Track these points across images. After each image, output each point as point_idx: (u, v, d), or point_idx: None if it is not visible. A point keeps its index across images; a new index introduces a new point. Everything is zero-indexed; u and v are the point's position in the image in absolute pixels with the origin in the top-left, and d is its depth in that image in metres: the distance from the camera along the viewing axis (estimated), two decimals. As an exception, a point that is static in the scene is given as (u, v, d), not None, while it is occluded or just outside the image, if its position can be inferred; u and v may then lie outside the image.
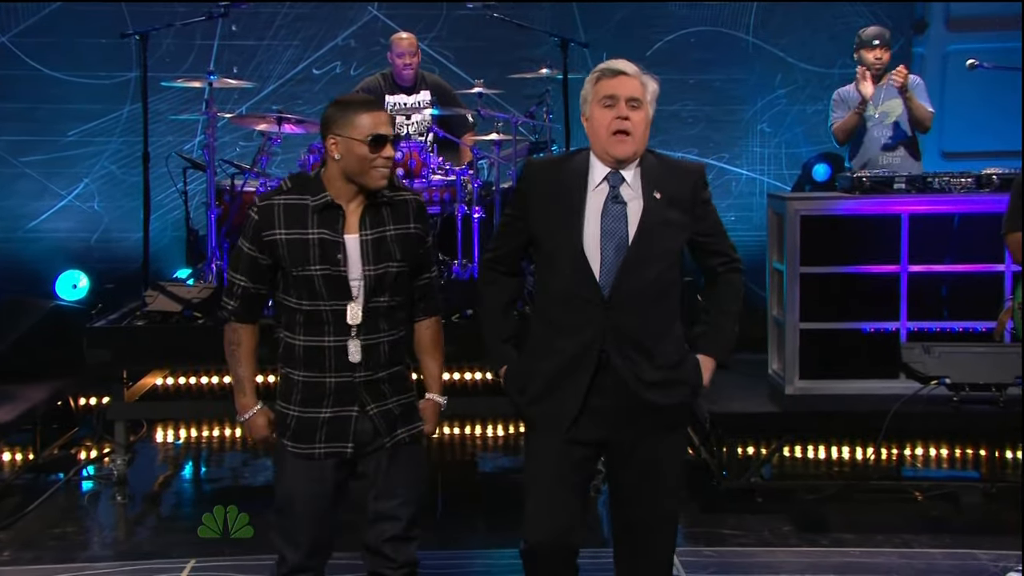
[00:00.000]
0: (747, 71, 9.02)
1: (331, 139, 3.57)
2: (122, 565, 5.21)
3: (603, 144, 3.55)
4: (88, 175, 8.89)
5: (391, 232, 3.62)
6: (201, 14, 7.51)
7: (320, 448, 3.62)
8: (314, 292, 3.56)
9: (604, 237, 3.54)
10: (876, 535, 5.43)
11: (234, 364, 3.69)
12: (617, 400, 3.56)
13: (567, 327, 3.57)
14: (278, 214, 3.57)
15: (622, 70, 3.56)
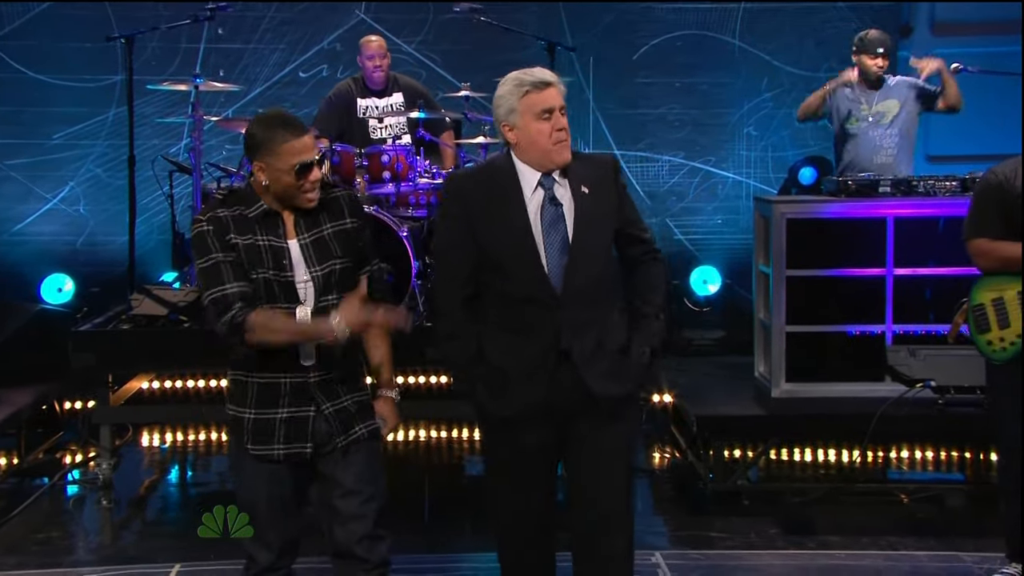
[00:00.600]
0: (733, 75, 9.04)
1: (257, 165, 3.56)
2: (107, 570, 5.20)
3: (545, 153, 3.63)
4: (73, 178, 8.87)
5: (328, 231, 3.65)
6: (186, 17, 7.52)
7: (279, 449, 3.62)
8: (272, 294, 3.57)
9: (548, 239, 3.62)
10: (862, 537, 5.44)
11: (286, 328, 3.51)
12: (574, 394, 3.63)
13: (524, 329, 3.63)
14: (228, 222, 3.57)
15: (549, 81, 3.63)
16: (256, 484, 3.64)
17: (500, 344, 3.67)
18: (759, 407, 6.25)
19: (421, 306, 6.62)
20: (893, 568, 5.09)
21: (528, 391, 3.64)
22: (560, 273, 3.62)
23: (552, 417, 3.67)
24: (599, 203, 3.69)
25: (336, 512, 3.66)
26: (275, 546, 3.67)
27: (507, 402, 3.66)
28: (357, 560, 3.67)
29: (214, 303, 3.55)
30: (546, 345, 3.62)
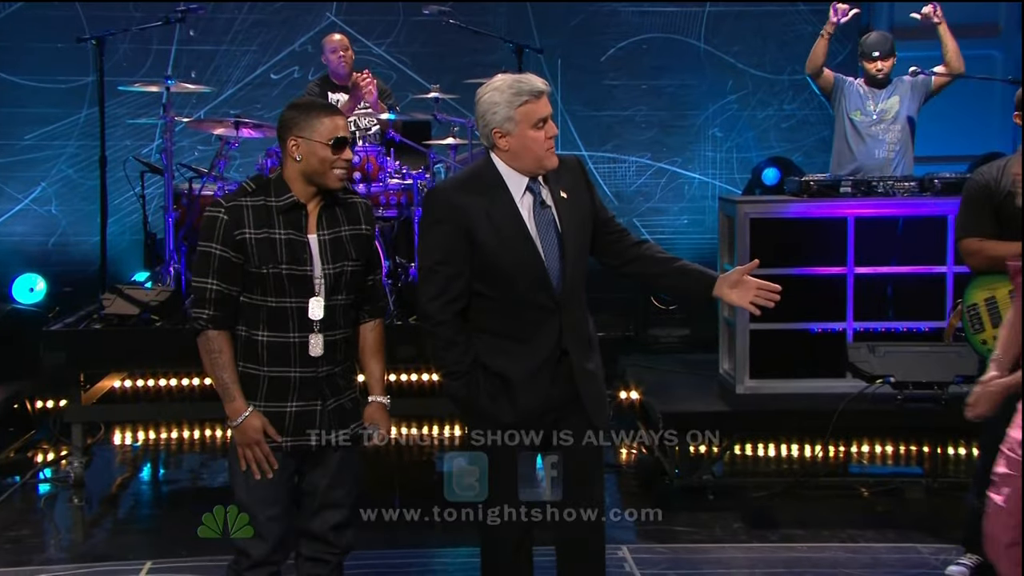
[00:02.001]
0: (699, 77, 9.09)
1: (292, 141, 3.63)
2: (77, 567, 5.17)
3: (539, 160, 3.64)
4: (45, 179, 8.84)
5: (346, 232, 3.71)
6: (158, 19, 7.46)
7: (288, 441, 3.67)
8: (281, 289, 3.61)
9: (544, 241, 3.65)
10: (823, 530, 5.48)
11: (219, 371, 3.64)
12: (568, 392, 3.69)
13: (525, 334, 3.66)
14: (247, 214, 3.61)
15: (543, 89, 3.64)
16: (260, 476, 3.66)
17: (500, 350, 3.68)
18: (724, 403, 6.29)
19: (391, 305, 6.63)
20: (853, 560, 5.13)
21: (531, 395, 3.66)
22: (558, 275, 3.66)
23: (546, 417, 3.71)
24: (579, 204, 3.72)
25: (320, 498, 3.74)
26: (270, 539, 3.68)
27: (511, 407, 3.67)
28: (327, 544, 3.77)
29: (194, 291, 3.67)
30: (549, 347, 3.66)
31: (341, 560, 3.83)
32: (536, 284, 3.63)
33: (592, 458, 3.77)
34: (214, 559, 5.02)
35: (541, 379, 3.66)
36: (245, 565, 3.70)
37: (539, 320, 3.65)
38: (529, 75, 3.70)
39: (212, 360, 3.64)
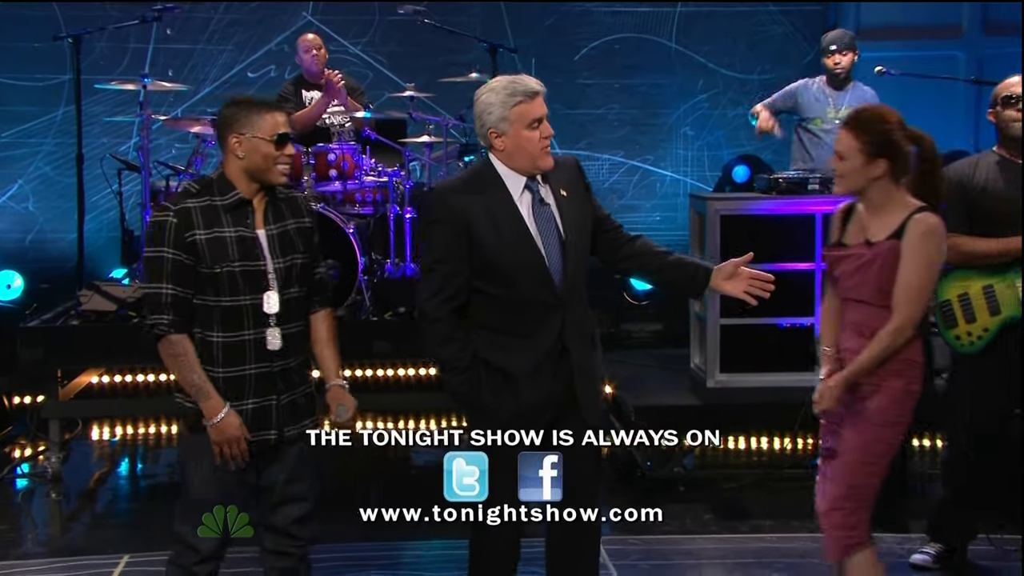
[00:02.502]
0: (670, 76, 9.12)
1: (234, 138, 3.60)
2: (55, 562, 5.15)
3: (534, 160, 3.64)
4: (22, 176, 8.79)
5: (292, 226, 3.70)
6: (134, 17, 7.44)
7: (248, 439, 3.64)
8: (235, 287, 3.59)
9: (545, 240, 3.65)
10: (792, 520, 5.50)
11: (187, 373, 3.59)
12: (568, 389, 3.68)
13: (527, 331, 3.65)
14: (195, 216, 3.58)
15: (537, 90, 3.64)
16: (214, 474, 3.64)
17: (501, 346, 3.67)
18: (695, 397, 6.32)
19: (367, 301, 6.63)
20: (820, 550, 5.14)
21: (533, 390, 3.66)
22: (560, 272, 3.66)
23: (546, 414, 3.69)
24: (578, 203, 3.73)
25: (280, 493, 3.72)
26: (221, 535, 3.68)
27: (513, 401, 3.66)
28: (290, 537, 3.75)
29: (148, 297, 3.62)
30: (550, 342, 3.65)
31: (305, 552, 3.81)
32: (538, 281, 3.63)
33: (590, 458, 3.74)
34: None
35: (543, 374, 3.66)
36: (194, 560, 3.68)
37: (541, 316, 3.65)
38: (524, 76, 3.69)
39: (179, 363, 3.59)
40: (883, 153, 3.68)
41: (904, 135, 3.72)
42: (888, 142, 3.69)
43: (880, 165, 3.69)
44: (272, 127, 3.60)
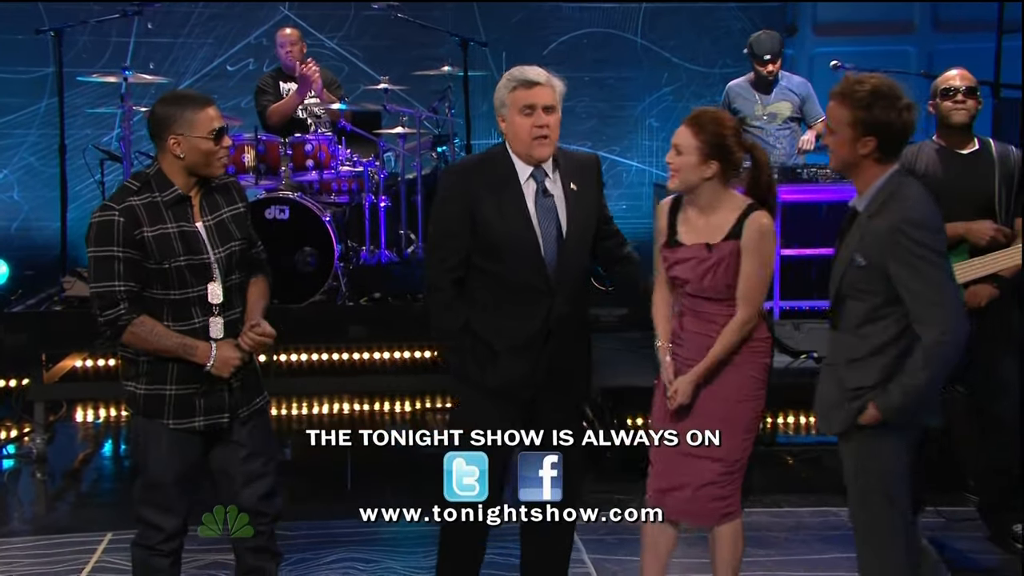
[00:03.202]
0: (636, 70, 9.13)
1: (172, 139, 3.54)
2: (40, 539, 5.13)
3: (526, 148, 3.67)
4: (7, 166, 8.72)
5: (227, 214, 3.67)
6: (116, 12, 7.39)
7: (200, 421, 3.64)
8: (183, 280, 3.56)
9: (542, 229, 3.69)
10: (750, 496, 5.45)
11: (164, 341, 3.55)
12: (549, 373, 3.73)
13: (515, 312, 3.69)
14: (140, 213, 3.53)
15: (536, 80, 3.66)
16: (171, 455, 3.62)
17: (490, 322, 3.72)
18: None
19: (343, 287, 6.61)
20: (777, 524, 5.20)
21: (514, 366, 3.71)
22: (554, 261, 3.68)
23: (527, 391, 3.73)
24: (586, 199, 3.75)
25: (242, 473, 3.70)
26: (181, 513, 3.67)
27: (494, 374, 3.71)
28: (258, 515, 3.73)
29: (100, 296, 3.54)
30: (535, 328, 3.69)
31: (273, 528, 3.79)
32: (530, 266, 3.67)
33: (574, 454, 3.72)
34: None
35: (525, 355, 3.70)
36: (158, 539, 3.67)
37: (530, 300, 3.69)
38: (531, 68, 3.72)
39: (152, 338, 3.54)
40: (716, 156, 3.72)
41: (737, 142, 3.76)
42: (722, 146, 3.72)
43: (712, 167, 3.73)
44: (208, 123, 3.54)
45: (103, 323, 3.54)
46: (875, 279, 3.36)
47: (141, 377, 3.62)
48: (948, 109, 4.77)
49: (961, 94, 4.75)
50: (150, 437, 3.64)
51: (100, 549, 4.96)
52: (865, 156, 3.39)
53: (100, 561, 4.84)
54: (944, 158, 4.79)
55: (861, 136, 3.36)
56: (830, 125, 3.45)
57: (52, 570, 4.76)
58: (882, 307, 3.37)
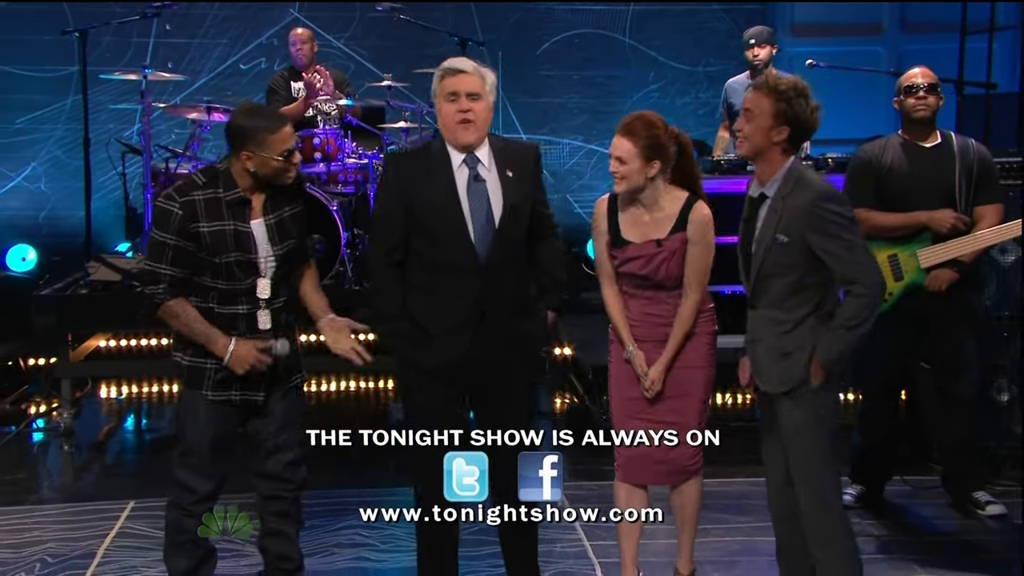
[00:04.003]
0: (624, 69, 9.13)
1: (245, 154, 3.56)
2: (68, 506, 5.16)
3: (452, 133, 3.63)
4: (36, 159, 8.72)
5: (287, 214, 3.70)
6: (136, 14, 7.41)
7: (236, 395, 3.69)
8: (231, 274, 3.61)
9: (473, 213, 3.63)
10: (730, 467, 5.54)
11: (193, 325, 3.61)
12: (487, 351, 3.66)
13: (449, 293, 3.64)
14: (199, 208, 3.57)
15: (461, 68, 3.61)
16: (208, 424, 3.67)
17: (425, 305, 3.66)
18: (644, 357, 6.33)
19: (349, 271, 6.63)
20: (756, 492, 5.19)
21: (448, 347, 3.64)
22: (485, 244, 3.62)
23: (465, 370, 3.67)
24: (520, 186, 3.68)
25: (271, 443, 3.75)
26: (215, 478, 3.72)
27: (429, 355, 3.65)
28: (283, 481, 3.78)
29: (147, 273, 3.63)
30: (468, 308, 3.63)
31: (297, 496, 3.84)
32: (460, 249, 3.61)
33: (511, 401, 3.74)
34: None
35: (459, 336, 3.63)
36: (191, 500, 3.71)
37: (462, 282, 3.62)
38: (462, 59, 3.69)
39: (183, 321, 3.61)
40: (655, 155, 3.78)
41: (668, 136, 3.82)
42: (658, 145, 3.78)
43: (655, 166, 3.79)
44: (281, 145, 3.55)
45: (143, 298, 3.63)
46: (795, 254, 3.49)
47: (187, 349, 3.68)
48: (911, 106, 4.78)
49: (923, 91, 4.77)
50: (190, 406, 3.70)
51: (123, 516, 4.99)
52: (776, 144, 3.52)
53: (123, 527, 4.88)
54: (909, 151, 4.80)
55: (778, 125, 3.50)
56: (748, 111, 3.55)
57: (79, 535, 4.79)
58: (803, 280, 3.52)
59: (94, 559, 4.54)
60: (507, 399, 3.75)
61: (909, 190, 4.75)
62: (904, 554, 4.62)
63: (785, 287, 3.54)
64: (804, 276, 3.51)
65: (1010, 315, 5.41)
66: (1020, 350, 5.42)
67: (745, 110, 3.57)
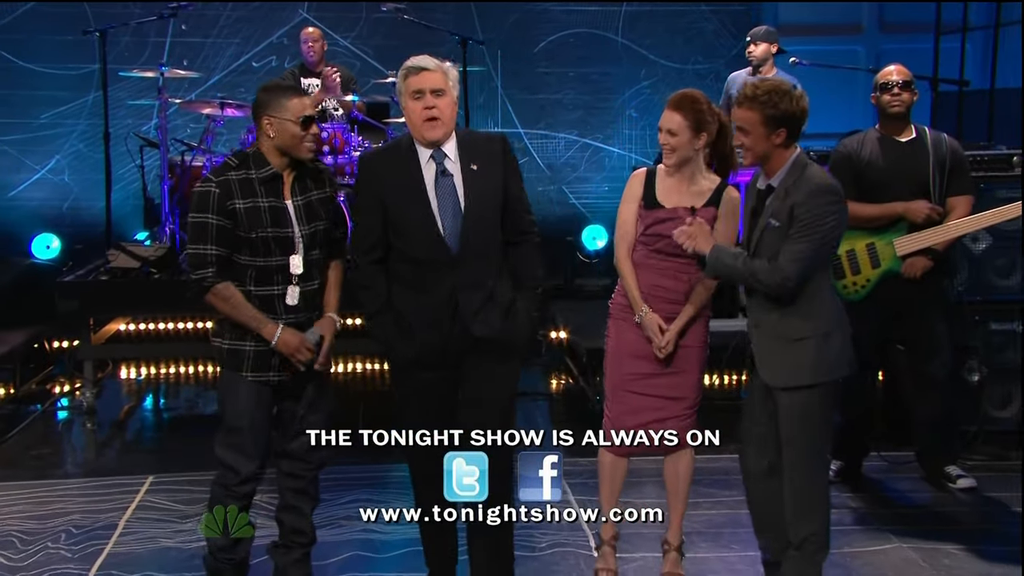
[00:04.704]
0: (617, 66, 9.10)
1: (265, 120, 3.59)
2: (90, 480, 5.18)
3: (418, 130, 3.54)
4: (59, 152, 8.71)
5: (315, 196, 3.68)
6: (153, 14, 7.41)
7: (273, 376, 3.68)
8: (268, 250, 3.59)
9: (441, 207, 3.54)
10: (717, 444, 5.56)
11: (243, 309, 3.60)
12: (464, 341, 3.58)
13: (424, 286, 3.56)
14: (234, 187, 3.57)
15: (424, 66, 3.52)
16: (248, 404, 3.66)
17: (405, 299, 3.60)
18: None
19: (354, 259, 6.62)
20: (737, 468, 5.23)
21: (427, 337, 3.57)
22: (455, 237, 3.54)
23: (447, 358, 3.60)
24: (487, 177, 3.58)
25: (299, 424, 3.74)
26: (256, 457, 3.69)
27: (410, 346, 3.59)
28: (304, 461, 3.77)
29: (193, 257, 3.60)
30: (442, 299, 3.55)
31: (316, 475, 3.83)
32: (431, 242, 3.53)
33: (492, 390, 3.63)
34: (205, 474, 5.04)
35: (437, 326, 3.56)
36: (235, 480, 3.70)
37: (436, 274, 3.55)
38: (424, 56, 3.58)
39: (231, 305, 3.60)
40: (702, 128, 3.81)
41: (711, 112, 3.84)
42: (703, 120, 3.80)
43: (702, 138, 3.82)
44: (299, 110, 3.58)
45: (192, 282, 3.60)
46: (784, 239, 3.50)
47: (226, 334, 3.67)
48: (886, 102, 4.78)
49: (897, 88, 4.77)
50: (230, 387, 3.68)
51: (143, 490, 5.00)
52: (778, 145, 3.53)
53: (143, 500, 4.89)
54: (885, 145, 4.80)
55: (774, 130, 3.50)
56: (741, 128, 3.55)
57: (101, 507, 4.81)
58: None
59: (115, 530, 4.56)
60: (488, 387, 3.64)
61: (886, 182, 4.75)
62: (880, 525, 4.64)
63: None
64: None
65: (980, 300, 5.43)
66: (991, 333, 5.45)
67: (738, 128, 3.57)
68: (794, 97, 3.52)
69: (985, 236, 5.36)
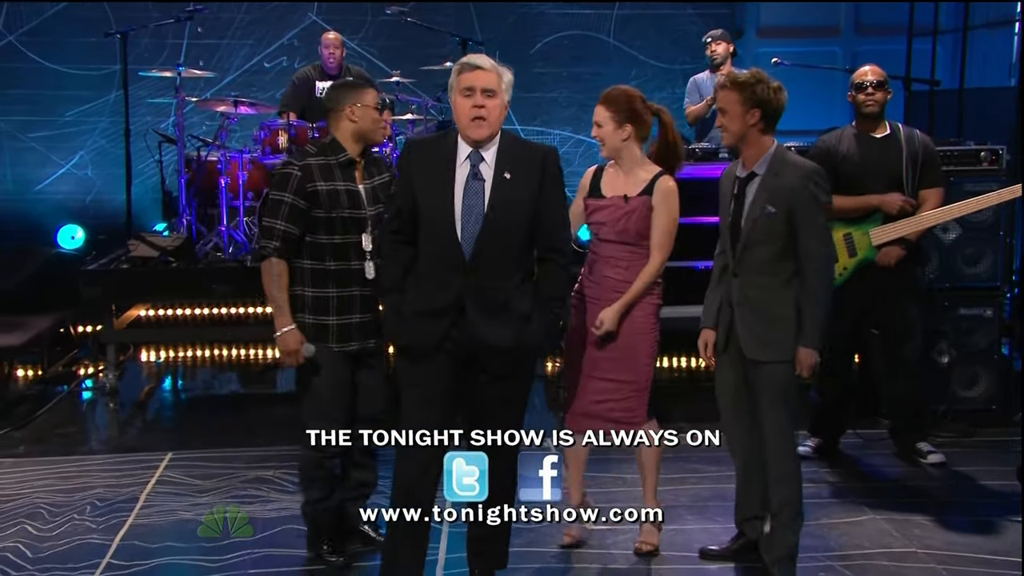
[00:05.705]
0: (608, 66, 9.06)
1: (349, 108, 3.72)
2: (113, 456, 5.18)
3: (464, 128, 3.32)
4: (83, 148, 8.69)
5: (378, 181, 3.82)
6: (171, 17, 7.39)
7: (354, 346, 3.77)
8: (345, 228, 3.69)
9: (464, 210, 3.30)
10: (703, 423, 5.49)
11: (277, 290, 3.68)
12: (470, 347, 3.35)
13: (435, 283, 3.34)
14: (316, 171, 3.68)
15: (479, 64, 3.33)
16: (333, 374, 3.74)
17: (416, 287, 3.39)
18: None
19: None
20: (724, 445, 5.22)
21: (423, 332, 3.33)
22: (472, 242, 3.28)
23: (449, 358, 3.34)
24: (518, 187, 3.31)
25: (370, 388, 3.86)
26: (341, 422, 3.64)
27: (406, 334, 3.36)
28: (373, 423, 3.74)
29: (264, 228, 3.73)
30: (447, 301, 3.30)
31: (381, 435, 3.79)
32: (446, 243, 3.29)
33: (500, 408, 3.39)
34: (222, 451, 5.07)
35: (436, 322, 3.32)
36: (328, 454, 3.74)
37: (447, 275, 3.31)
38: (480, 55, 3.43)
39: (274, 281, 3.67)
40: (628, 120, 3.84)
41: (644, 107, 3.89)
42: (632, 111, 3.84)
43: (627, 129, 3.84)
44: (375, 98, 3.77)
45: (258, 246, 3.76)
46: (781, 224, 3.60)
47: (307, 310, 3.73)
48: (861, 101, 4.79)
49: (872, 87, 4.76)
50: (315, 358, 3.72)
51: (163, 465, 5.00)
52: (753, 126, 3.62)
53: (163, 475, 4.89)
54: (861, 141, 4.80)
55: (749, 110, 3.61)
56: (722, 109, 3.66)
57: (123, 482, 4.81)
58: (785, 247, 3.62)
59: (137, 503, 4.56)
60: (492, 400, 3.39)
61: (862, 176, 4.75)
62: (856, 498, 4.64)
63: (770, 254, 3.62)
64: (787, 244, 3.61)
65: (950, 287, 5.42)
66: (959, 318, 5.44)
67: (719, 109, 3.68)
68: (771, 87, 3.62)
69: (955, 227, 5.36)
